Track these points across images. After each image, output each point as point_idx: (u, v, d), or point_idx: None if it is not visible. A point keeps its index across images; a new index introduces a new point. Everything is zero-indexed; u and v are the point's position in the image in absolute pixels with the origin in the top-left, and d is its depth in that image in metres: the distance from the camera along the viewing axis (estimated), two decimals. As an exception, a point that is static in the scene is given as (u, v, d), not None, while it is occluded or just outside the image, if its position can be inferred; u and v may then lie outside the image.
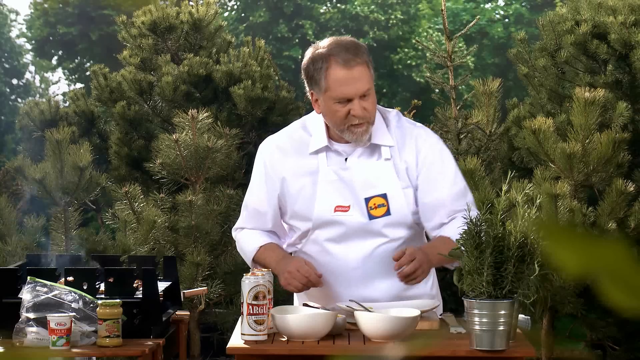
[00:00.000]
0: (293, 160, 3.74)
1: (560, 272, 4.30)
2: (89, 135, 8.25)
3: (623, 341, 5.95)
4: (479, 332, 3.07)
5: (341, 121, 3.60)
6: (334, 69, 3.56)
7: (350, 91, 3.56)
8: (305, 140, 3.75)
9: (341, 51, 3.57)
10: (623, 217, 5.40)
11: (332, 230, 3.67)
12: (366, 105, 3.58)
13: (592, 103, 5.31)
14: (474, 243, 3.07)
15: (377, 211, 3.63)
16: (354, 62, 3.56)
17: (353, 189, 3.65)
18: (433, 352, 3.16)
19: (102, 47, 25.13)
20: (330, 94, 3.57)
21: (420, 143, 3.71)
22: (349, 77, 3.56)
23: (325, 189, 3.67)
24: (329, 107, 3.60)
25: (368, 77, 3.60)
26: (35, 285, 3.59)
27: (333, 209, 3.66)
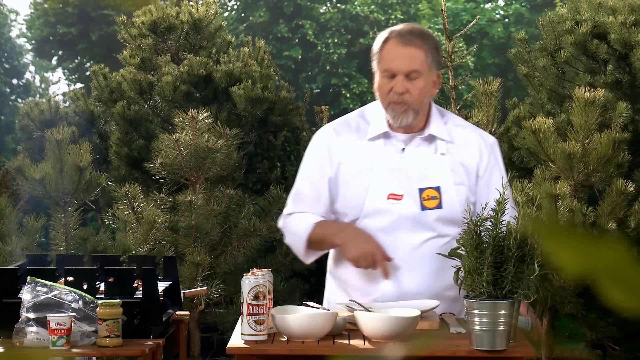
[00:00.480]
0: (350, 146, 3.76)
1: (560, 272, 4.30)
2: (89, 135, 8.25)
3: (623, 341, 5.95)
4: (479, 332, 3.07)
5: (385, 96, 3.67)
6: (391, 43, 3.66)
7: (395, 66, 3.63)
8: (363, 128, 3.78)
9: (405, 31, 3.67)
10: (623, 217, 5.40)
11: (383, 219, 3.67)
12: (410, 87, 3.64)
13: (592, 103, 5.31)
14: (474, 243, 3.07)
15: (429, 203, 3.65)
16: (411, 42, 3.64)
17: (408, 178, 3.68)
18: (433, 352, 3.16)
19: (102, 47, 25.13)
20: (381, 65, 3.66)
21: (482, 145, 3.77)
22: (400, 53, 3.64)
23: (380, 175, 3.69)
24: (379, 80, 3.69)
25: (421, 61, 3.65)
26: (35, 285, 3.59)
27: (386, 196, 3.67)
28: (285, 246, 6.43)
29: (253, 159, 8.00)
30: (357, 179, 3.72)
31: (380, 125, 3.74)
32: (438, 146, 3.72)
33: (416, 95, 3.65)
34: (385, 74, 3.65)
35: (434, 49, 3.70)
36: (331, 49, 25.23)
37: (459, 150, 3.74)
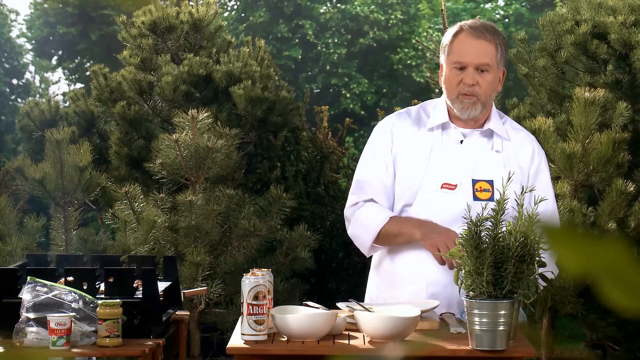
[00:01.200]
0: (409, 134, 3.83)
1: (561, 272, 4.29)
2: (89, 135, 8.26)
3: (623, 341, 5.96)
4: (479, 332, 3.07)
5: (453, 88, 3.72)
6: (462, 36, 3.73)
7: (466, 58, 3.69)
8: (423, 119, 3.86)
9: (477, 26, 3.74)
10: (623, 217, 5.40)
11: (435, 207, 3.71)
12: (480, 80, 3.70)
13: (592, 103, 5.31)
14: (474, 243, 3.07)
15: (482, 194, 3.70)
16: (483, 36, 3.70)
17: (464, 169, 3.74)
18: (433, 352, 3.16)
19: (102, 47, 25.12)
20: (451, 58, 3.72)
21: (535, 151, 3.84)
22: (471, 45, 3.70)
23: (436, 165, 3.75)
24: (447, 72, 3.74)
25: (491, 55, 3.71)
26: (35, 285, 3.59)
27: (440, 185, 3.72)
28: (285, 246, 6.44)
29: (253, 159, 8.00)
30: (413, 166, 3.77)
31: (440, 116, 3.81)
32: (494, 143, 3.79)
33: (485, 88, 3.72)
34: (456, 66, 3.71)
35: (503, 44, 3.77)
36: (331, 49, 25.23)
37: (514, 150, 3.81)
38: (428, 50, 7.34)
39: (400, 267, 3.83)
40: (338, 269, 8.01)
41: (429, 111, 3.87)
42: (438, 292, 3.69)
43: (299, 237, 6.51)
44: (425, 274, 3.74)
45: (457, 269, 3.19)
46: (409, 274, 3.79)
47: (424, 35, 25.40)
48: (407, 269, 3.80)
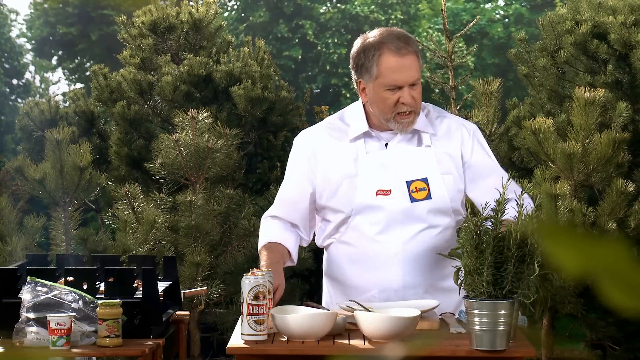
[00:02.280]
0: (332, 149, 3.80)
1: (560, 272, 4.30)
2: (89, 135, 8.25)
3: (623, 341, 5.95)
4: (479, 332, 3.07)
5: (389, 109, 3.67)
6: (387, 56, 3.65)
7: (401, 78, 3.64)
8: (344, 130, 3.82)
9: (393, 39, 3.67)
10: (623, 217, 5.40)
11: (374, 215, 3.71)
12: (415, 95, 3.67)
13: (592, 103, 5.31)
14: (474, 243, 3.07)
15: (418, 194, 3.69)
16: (406, 50, 3.65)
17: (394, 172, 3.72)
18: (433, 352, 3.16)
19: (102, 47, 25.13)
20: (381, 80, 3.66)
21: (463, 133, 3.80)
22: (400, 64, 3.64)
23: (366, 173, 3.72)
24: (379, 94, 3.68)
25: (418, 67, 3.68)
26: (35, 285, 3.59)
27: (375, 192, 3.71)
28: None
29: (253, 159, 8.00)
30: (343, 179, 3.75)
31: (360, 125, 3.78)
32: (423, 139, 3.76)
33: (419, 100, 3.71)
34: (389, 88, 3.65)
35: (417, 46, 3.75)
36: (331, 49, 25.24)
37: (442, 141, 3.77)
38: (428, 50, 7.33)
39: (349, 276, 3.83)
40: (338, 269, 8.00)
41: (347, 121, 3.83)
42: (391, 298, 3.70)
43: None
44: (375, 281, 3.74)
45: (456, 269, 3.19)
46: (359, 282, 3.79)
47: (424, 35, 25.40)
48: (357, 278, 3.79)
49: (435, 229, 3.70)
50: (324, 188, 3.79)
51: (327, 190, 3.78)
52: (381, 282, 3.72)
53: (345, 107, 3.97)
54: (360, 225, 3.74)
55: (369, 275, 3.75)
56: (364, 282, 3.77)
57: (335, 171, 3.77)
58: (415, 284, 3.69)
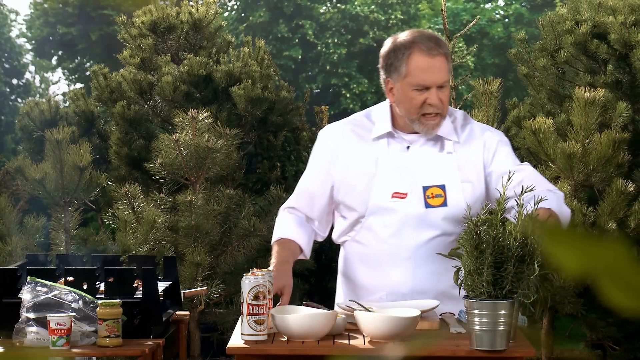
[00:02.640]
0: (355, 146, 3.80)
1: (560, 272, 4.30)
2: (89, 135, 8.26)
3: (623, 341, 5.95)
4: (479, 332, 3.07)
5: (416, 109, 3.66)
6: (417, 56, 3.64)
7: (430, 79, 3.62)
8: (368, 128, 3.81)
9: (424, 40, 3.66)
10: (623, 217, 5.40)
11: (388, 217, 3.70)
12: (442, 97, 3.65)
13: (592, 103, 5.31)
14: (474, 243, 3.07)
15: (434, 201, 3.67)
16: (436, 51, 3.64)
17: (412, 176, 3.70)
18: (433, 352, 3.16)
19: (102, 47, 25.13)
20: (409, 80, 3.64)
21: (487, 138, 3.77)
22: (430, 65, 3.63)
23: (385, 174, 3.71)
24: (406, 94, 3.66)
25: (447, 70, 3.67)
26: (35, 285, 3.59)
27: (390, 195, 3.70)
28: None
29: (253, 159, 8.00)
30: (362, 178, 3.75)
31: (384, 125, 3.77)
32: (445, 145, 3.74)
33: (446, 103, 3.69)
34: (417, 88, 3.64)
35: (449, 51, 3.74)
36: (331, 49, 25.24)
37: (465, 148, 3.75)
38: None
39: (360, 276, 3.84)
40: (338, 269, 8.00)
41: (373, 119, 3.82)
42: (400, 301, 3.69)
43: (299, 237, 6.50)
44: (385, 284, 3.74)
45: (457, 268, 3.19)
46: (369, 283, 3.80)
47: (424, 35, 25.37)
48: (367, 278, 3.81)
49: (449, 236, 3.67)
50: (341, 183, 3.79)
51: (344, 186, 3.79)
52: (391, 285, 3.72)
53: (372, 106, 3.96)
54: (374, 226, 3.73)
55: (379, 277, 3.75)
56: (373, 283, 3.77)
57: (354, 168, 3.77)
58: (425, 289, 3.67)
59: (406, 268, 3.69)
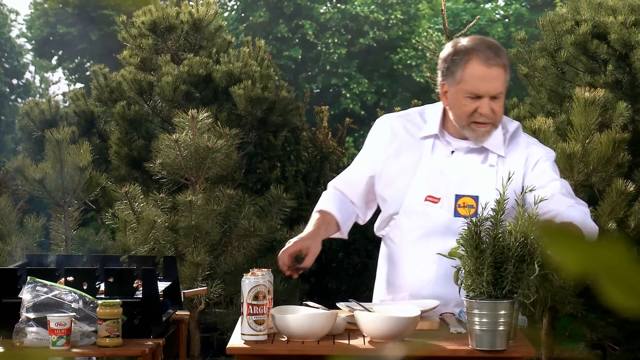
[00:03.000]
0: (402, 141, 3.81)
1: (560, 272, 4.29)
2: (89, 135, 8.25)
3: (623, 341, 5.95)
4: (479, 332, 3.07)
5: (466, 116, 3.64)
6: (474, 63, 3.62)
7: (483, 88, 3.60)
8: (419, 125, 3.81)
9: (484, 49, 3.63)
10: (623, 217, 5.40)
11: (417, 220, 3.71)
12: (495, 107, 3.62)
13: (592, 103, 5.31)
14: (474, 243, 3.07)
15: (464, 210, 3.64)
16: (495, 61, 3.61)
17: (448, 182, 3.69)
18: (433, 352, 3.16)
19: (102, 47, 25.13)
20: (463, 86, 3.62)
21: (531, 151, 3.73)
22: (486, 74, 3.61)
23: (423, 176, 3.72)
24: (459, 99, 3.64)
25: (503, 81, 3.64)
26: (35, 285, 3.59)
27: (424, 197, 3.70)
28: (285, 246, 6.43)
29: (253, 159, 7.99)
30: (401, 175, 3.77)
31: (434, 126, 3.76)
32: (489, 157, 3.71)
33: (499, 114, 3.66)
34: (469, 96, 3.62)
35: (509, 62, 3.71)
36: (331, 49, 25.24)
37: (508, 162, 3.71)
38: (428, 50, 7.34)
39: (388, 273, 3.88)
40: (338, 269, 8.01)
41: (426, 118, 3.81)
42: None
43: (299, 237, 6.50)
44: (408, 284, 3.77)
45: (457, 269, 3.19)
46: (394, 281, 3.84)
47: (424, 35, 25.41)
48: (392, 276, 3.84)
49: None
50: (382, 176, 3.83)
51: (384, 179, 3.82)
52: (413, 287, 3.74)
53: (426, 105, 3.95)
54: (404, 226, 3.75)
55: (404, 277, 3.78)
56: (398, 282, 3.81)
57: (397, 164, 3.78)
58: (446, 297, 3.63)
59: (429, 273, 3.68)
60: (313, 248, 3.65)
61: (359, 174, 3.89)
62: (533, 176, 3.67)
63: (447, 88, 3.69)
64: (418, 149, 3.76)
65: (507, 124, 3.79)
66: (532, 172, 3.69)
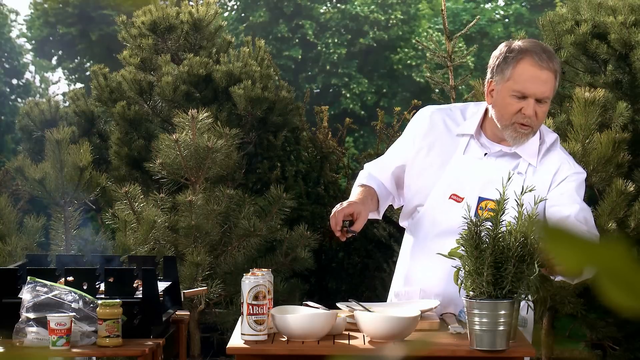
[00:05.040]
0: (439, 135, 3.81)
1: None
2: (89, 135, 8.25)
3: (623, 341, 5.96)
4: (479, 332, 3.07)
5: (510, 116, 3.62)
6: (526, 63, 3.60)
7: (531, 88, 3.58)
8: (458, 122, 3.81)
9: (539, 51, 3.62)
10: (623, 217, 5.40)
11: (439, 216, 3.72)
12: (538, 112, 3.60)
13: (592, 103, 5.31)
14: (474, 243, 3.07)
15: (485, 213, 3.61)
16: (547, 65, 3.59)
17: (474, 183, 3.69)
18: (433, 352, 3.16)
19: (102, 47, 25.12)
20: (511, 84, 3.61)
21: (562, 166, 3.71)
22: (536, 75, 3.59)
23: (451, 173, 3.72)
24: (504, 98, 3.63)
25: (552, 86, 3.62)
26: (35, 285, 3.59)
27: (449, 195, 3.71)
28: (285, 246, 6.44)
29: (253, 159, 8.00)
30: (431, 169, 3.77)
31: (472, 125, 3.76)
32: (520, 164, 3.70)
33: (541, 119, 3.64)
34: (516, 94, 3.60)
35: (561, 70, 3.68)
36: (331, 49, 25.23)
37: (538, 174, 3.69)
38: (428, 50, 7.33)
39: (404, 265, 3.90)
40: (338, 269, 8.01)
41: (467, 115, 3.81)
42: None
43: (299, 237, 6.51)
44: (420, 280, 3.77)
45: (457, 268, 3.19)
46: (408, 274, 3.85)
47: (424, 35, 25.41)
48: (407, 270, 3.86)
49: None
50: (413, 166, 3.83)
51: (415, 170, 3.82)
52: (425, 283, 3.75)
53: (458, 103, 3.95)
54: (425, 221, 3.76)
55: (417, 272, 3.79)
56: (411, 276, 3.82)
57: (429, 157, 3.79)
58: (457, 299, 3.58)
59: (443, 272, 3.66)
60: (364, 213, 3.64)
61: (392, 161, 3.90)
62: (556, 193, 3.65)
63: (494, 86, 3.67)
64: (452, 146, 3.77)
65: (545, 134, 3.77)
66: (556, 189, 3.67)
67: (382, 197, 3.90)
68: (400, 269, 3.96)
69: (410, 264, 3.85)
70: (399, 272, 3.96)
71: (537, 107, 3.60)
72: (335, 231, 3.61)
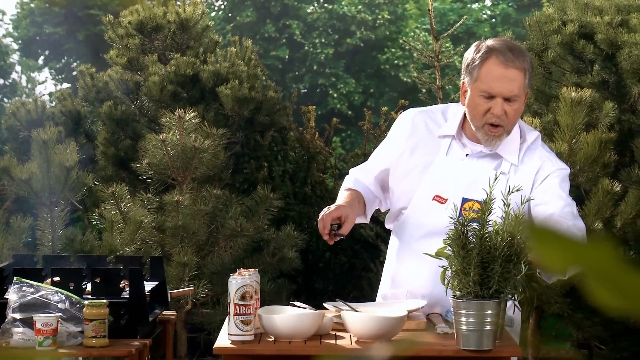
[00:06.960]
0: (421, 138, 3.80)
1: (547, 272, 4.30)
2: (76, 135, 8.23)
3: (609, 341, 5.97)
4: (465, 332, 3.07)
5: (480, 116, 3.62)
6: (491, 63, 3.59)
7: (497, 88, 3.57)
8: (439, 123, 3.80)
9: (505, 50, 3.59)
10: (609, 216, 5.41)
11: (422, 218, 3.71)
12: (508, 110, 3.58)
13: (579, 103, 5.33)
14: (461, 243, 3.08)
15: (470, 214, 3.58)
16: (513, 63, 3.57)
17: (458, 185, 3.68)
18: (420, 352, 3.16)
19: (89, 47, 25.07)
20: (478, 84, 3.60)
21: (544, 164, 3.70)
22: (502, 74, 3.57)
23: (434, 175, 3.72)
24: (473, 98, 3.63)
25: (520, 84, 3.59)
26: (22, 286, 3.58)
27: (432, 196, 3.70)
28: (272, 246, 6.44)
29: (240, 159, 7.99)
30: (414, 171, 3.77)
31: (452, 126, 3.76)
32: (502, 164, 3.70)
33: (512, 117, 3.61)
34: (483, 95, 3.59)
35: (530, 68, 3.65)
36: (318, 49, 25.23)
37: (520, 172, 3.69)
38: (415, 50, 7.34)
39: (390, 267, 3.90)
40: (325, 269, 8.01)
41: (447, 117, 3.81)
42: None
43: (286, 237, 6.51)
44: (406, 282, 3.77)
45: (443, 268, 3.19)
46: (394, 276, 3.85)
47: (411, 35, 25.42)
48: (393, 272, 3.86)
49: None
50: (396, 169, 3.83)
51: (398, 173, 3.82)
52: (412, 285, 3.75)
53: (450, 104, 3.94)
54: (409, 222, 3.76)
55: (403, 274, 3.80)
56: (398, 278, 3.82)
57: (412, 160, 3.79)
58: (444, 300, 3.58)
59: (429, 273, 3.65)
60: (351, 216, 3.64)
61: (376, 165, 3.90)
62: (539, 191, 3.64)
63: (466, 87, 3.68)
64: (435, 147, 3.76)
65: (527, 133, 3.76)
66: (540, 187, 3.66)
67: (369, 200, 3.90)
68: (387, 271, 3.97)
69: (397, 267, 3.85)
70: (386, 274, 3.96)
71: (506, 106, 3.58)
72: (323, 234, 3.61)
